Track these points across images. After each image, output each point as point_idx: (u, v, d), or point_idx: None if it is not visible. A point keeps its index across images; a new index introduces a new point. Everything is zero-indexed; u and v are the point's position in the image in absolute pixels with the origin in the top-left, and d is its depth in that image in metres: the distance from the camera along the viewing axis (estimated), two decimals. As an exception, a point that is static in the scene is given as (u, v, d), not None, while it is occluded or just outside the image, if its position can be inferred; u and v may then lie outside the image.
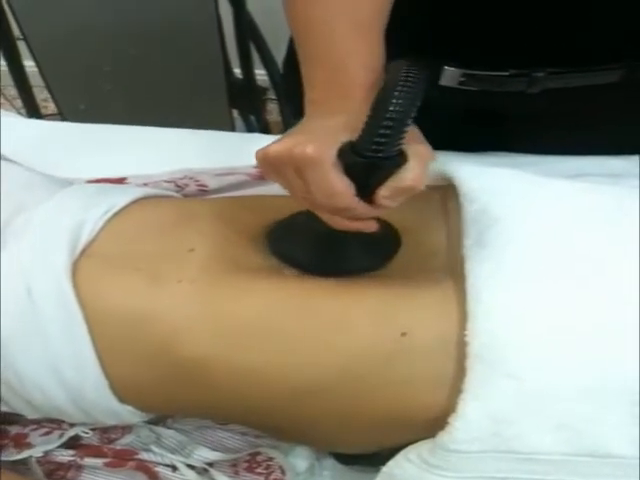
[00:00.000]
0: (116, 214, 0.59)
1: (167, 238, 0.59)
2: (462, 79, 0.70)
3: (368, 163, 0.45)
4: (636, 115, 0.76)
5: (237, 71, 1.69)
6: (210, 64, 1.52)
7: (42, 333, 0.51)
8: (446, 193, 0.63)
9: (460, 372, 0.48)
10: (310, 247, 0.57)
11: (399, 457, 0.50)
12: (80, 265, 0.54)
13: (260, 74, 1.70)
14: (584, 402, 0.47)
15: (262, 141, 0.54)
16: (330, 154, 0.45)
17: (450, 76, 0.70)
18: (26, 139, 0.93)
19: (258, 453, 0.61)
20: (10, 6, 1.37)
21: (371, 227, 0.50)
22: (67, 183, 0.67)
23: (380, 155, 0.44)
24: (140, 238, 0.59)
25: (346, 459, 0.61)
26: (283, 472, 0.59)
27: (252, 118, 1.75)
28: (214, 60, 1.52)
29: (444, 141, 0.64)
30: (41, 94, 1.70)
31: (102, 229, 0.57)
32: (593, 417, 0.47)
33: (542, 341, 0.48)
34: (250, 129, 1.73)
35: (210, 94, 1.59)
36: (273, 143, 0.49)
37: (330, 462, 0.62)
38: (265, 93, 1.78)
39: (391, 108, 0.42)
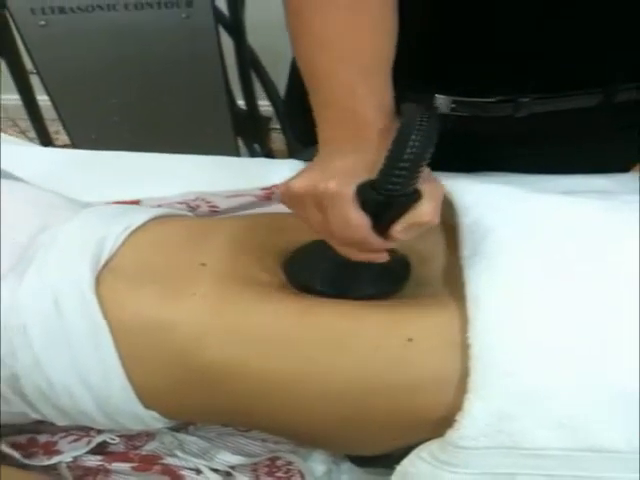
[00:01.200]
0: (135, 231, 0.62)
1: (180, 253, 0.61)
2: (453, 105, 0.74)
3: (385, 200, 0.47)
4: (616, 135, 0.79)
5: (241, 103, 1.73)
6: (214, 95, 1.55)
7: (69, 342, 0.53)
8: (443, 208, 0.66)
9: (464, 373, 0.49)
10: (324, 275, 0.59)
11: (412, 456, 0.52)
12: (102, 278, 0.57)
13: (263, 104, 1.75)
14: (580, 398, 0.48)
15: (268, 165, 0.57)
16: (350, 190, 0.48)
17: (442, 103, 0.74)
18: (42, 166, 0.95)
19: (277, 458, 0.62)
20: (23, 42, 1.41)
21: (383, 258, 0.53)
22: (86, 205, 0.70)
23: (397, 192, 0.46)
24: (157, 253, 0.61)
25: (361, 461, 0.62)
26: (302, 476, 0.61)
27: (256, 146, 1.79)
28: (218, 91, 1.54)
29: (438, 164, 0.68)
30: (52, 126, 1.75)
31: (122, 245, 0.60)
32: (589, 413, 0.48)
33: (538, 341, 0.50)
34: (254, 157, 1.77)
35: (215, 124, 1.62)
36: (295, 178, 0.51)
37: (347, 466, 0.63)
38: (268, 122, 1.82)
39: (408, 150, 0.45)
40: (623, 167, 0.87)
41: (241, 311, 0.56)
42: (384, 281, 0.60)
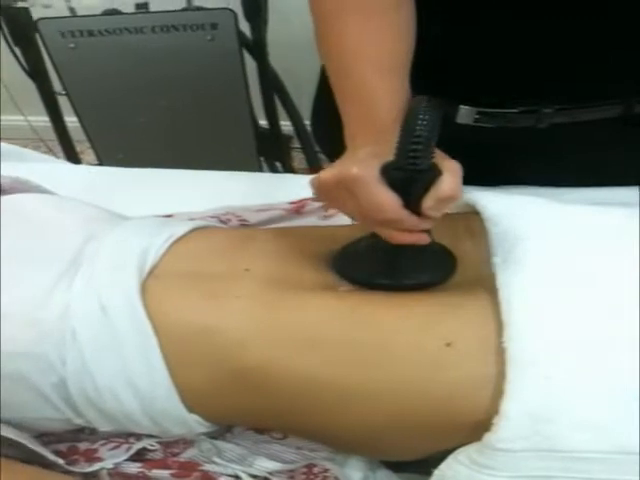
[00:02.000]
0: (177, 240, 0.64)
1: (223, 260, 0.63)
2: (477, 116, 0.75)
3: (407, 176, 0.50)
4: (634, 148, 0.80)
5: (263, 122, 1.76)
6: (238, 115, 1.59)
7: (117, 346, 0.55)
8: (470, 218, 0.67)
9: (500, 376, 0.50)
10: (375, 266, 0.61)
11: (450, 459, 0.52)
12: (148, 285, 0.58)
13: (285, 124, 1.77)
14: (612, 401, 0.49)
15: (292, 180, 0.60)
16: (373, 172, 0.51)
17: (465, 114, 0.76)
18: (74, 183, 0.97)
19: (314, 465, 0.62)
20: (53, 64, 1.45)
21: (424, 239, 0.55)
22: (126, 218, 0.72)
23: (416, 167, 0.49)
24: (199, 260, 0.63)
25: (397, 467, 0.62)
26: None
27: (278, 165, 1.81)
28: (241, 111, 1.58)
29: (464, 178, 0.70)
30: (77, 147, 1.78)
31: (165, 253, 0.62)
32: (621, 416, 0.48)
33: (570, 345, 0.51)
34: (277, 175, 1.80)
35: (238, 143, 1.65)
36: (323, 170, 0.54)
37: (384, 473, 0.63)
38: (290, 141, 1.85)
39: (418, 127, 0.48)
40: None
41: (284, 314, 0.57)
42: (433, 269, 0.61)
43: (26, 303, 0.56)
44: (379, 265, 0.60)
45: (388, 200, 0.51)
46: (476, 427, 0.50)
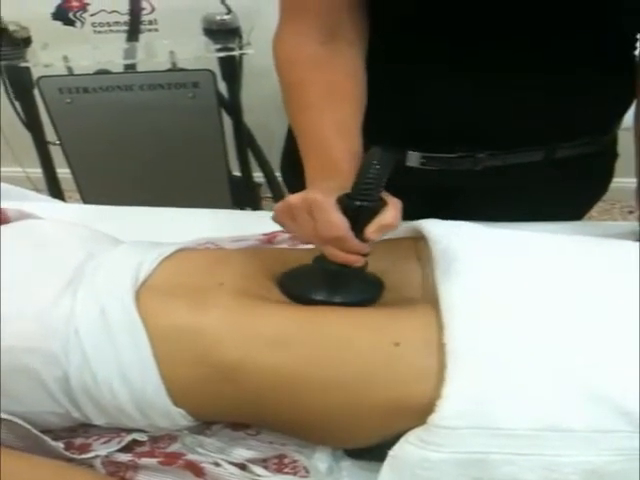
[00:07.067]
0: (165, 258, 0.70)
1: (202, 275, 0.69)
2: (423, 160, 0.84)
3: (358, 206, 0.59)
4: (559, 187, 0.88)
5: (237, 173, 1.83)
6: (214, 165, 1.65)
7: (114, 344, 0.59)
8: (417, 241, 0.75)
9: (441, 368, 0.56)
10: (317, 285, 0.67)
11: (401, 441, 0.56)
12: (141, 293, 0.63)
13: (257, 175, 1.84)
14: (537, 382, 0.54)
15: (265, 217, 0.66)
16: (331, 199, 0.59)
17: (413, 158, 0.84)
18: (68, 218, 1.00)
19: (284, 456, 0.65)
20: (50, 117, 1.49)
21: (361, 261, 0.62)
22: (120, 242, 0.77)
23: (365, 200, 0.58)
24: (183, 274, 0.68)
25: (357, 454, 0.66)
26: (307, 471, 0.64)
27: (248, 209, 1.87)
28: (218, 162, 1.65)
29: (412, 215, 0.76)
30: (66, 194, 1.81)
31: (156, 268, 0.67)
32: (546, 394, 0.53)
33: (499, 336, 0.57)
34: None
35: (214, 190, 1.71)
36: (291, 196, 0.61)
37: (347, 463, 0.66)
38: (260, 189, 1.91)
39: (371, 171, 0.58)
40: (575, 215, 0.97)
41: (253, 318, 0.62)
42: (365, 290, 0.68)
43: (37, 305, 0.60)
44: (317, 283, 0.67)
45: (339, 221, 0.58)
46: (423, 413, 0.55)
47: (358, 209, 0.59)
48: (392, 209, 0.59)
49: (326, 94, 0.70)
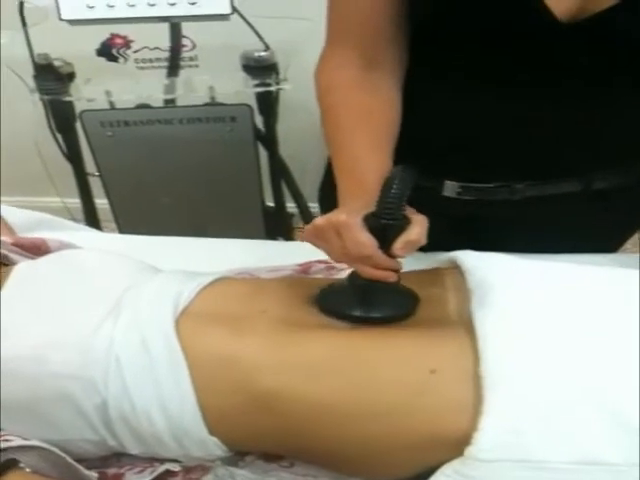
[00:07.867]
0: (204, 287, 0.70)
1: (244, 303, 0.69)
2: (459, 190, 0.83)
3: (383, 224, 0.59)
4: (596, 218, 0.86)
5: (270, 203, 1.84)
6: (249, 196, 1.67)
7: (154, 373, 0.59)
8: (453, 272, 0.74)
9: (478, 400, 0.55)
10: (350, 300, 0.68)
11: (437, 474, 0.55)
12: (181, 322, 0.63)
13: (290, 205, 1.85)
14: (575, 414, 0.53)
15: (299, 247, 0.67)
16: (357, 219, 0.59)
17: (450, 188, 0.83)
18: (106, 248, 1.02)
19: None
20: (91, 149, 1.53)
21: (392, 277, 0.62)
22: (159, 270, 0.78)
23: (390, 218, 0.59)
24: (222, 303, 0.69)
25: None
26: None
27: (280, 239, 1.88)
28: (252, 193, 1.66)
29: (448, 242, 0.76)
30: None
31: (195, 297, 0.68)
32: (587, 428, 0.52)
33: (537, 368, 0.56)
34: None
35: (248, 221, 1.72)
36: (318, 218, 0.63)
37: None
38: (292, 219, 1.92)
39: (393, 189, 0.58)
40: (611, 247, 0.95)
41: (292, 348, 0.62)
42: (401, 304, 0.69)
43: (79, 334, 0.60)
44: (353, 300, 0.67)
45: (367, 240, 0.59)
46: (459, 445, 0.54)
47: (384, 227, 0.59)
48: (417, 226, 0.60)
49: (361, 115, 0.71)
